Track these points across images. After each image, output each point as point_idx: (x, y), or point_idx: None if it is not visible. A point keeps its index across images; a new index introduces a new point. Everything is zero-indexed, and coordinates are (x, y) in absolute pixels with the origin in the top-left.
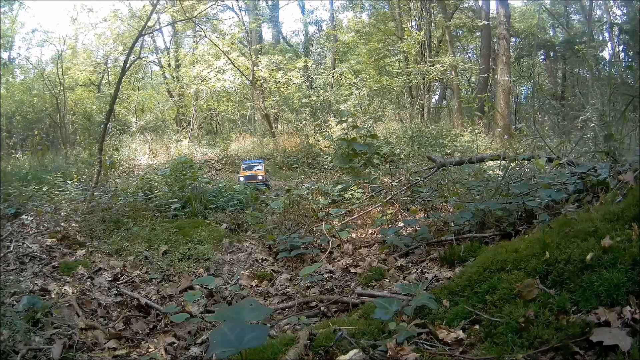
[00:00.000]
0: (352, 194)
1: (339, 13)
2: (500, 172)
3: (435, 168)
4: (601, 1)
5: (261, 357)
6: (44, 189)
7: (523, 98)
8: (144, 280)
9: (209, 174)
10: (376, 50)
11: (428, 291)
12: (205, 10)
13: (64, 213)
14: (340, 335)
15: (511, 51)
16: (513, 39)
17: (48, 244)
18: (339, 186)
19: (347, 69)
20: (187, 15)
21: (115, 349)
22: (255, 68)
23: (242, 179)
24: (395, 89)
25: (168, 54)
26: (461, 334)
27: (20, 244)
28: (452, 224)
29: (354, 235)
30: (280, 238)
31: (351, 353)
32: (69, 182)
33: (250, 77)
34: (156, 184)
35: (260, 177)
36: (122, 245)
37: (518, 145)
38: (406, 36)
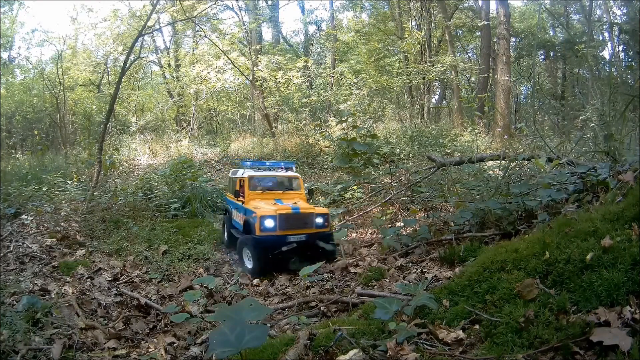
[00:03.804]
0: (352, 194)
1: (339, 13)
2: (500, 172)
3: (435, 168)
4: (601, 1)
5: (261, 357)
6: (44, 189)
7: (523, 98)
8: (144, 280)
9: (209, 173)
10: (376, 50)
11: (428, 291)
12: (205, 10)
13: (64, 213)
14: (340, 335)
15: (511, 51)
16: (513, 39)
17: (48, 244)
18: (339, 186)
19: (347, 68)
20: (187, 15)
21: (115, 349)
22: (255, 68)
23: (252, 220)
24: (395, 88)
25: (168, 53)
26: (461, 334)
27: (20, 244)
28: (452, 224)
29: (354, 235)
30: None
31: (351, 353)
32: (69, 182)
33: (250, 77)
34: (156, 184)
35: (320, 220)
36: (122, 245)
37: (518, 145)
38: (407, 36)
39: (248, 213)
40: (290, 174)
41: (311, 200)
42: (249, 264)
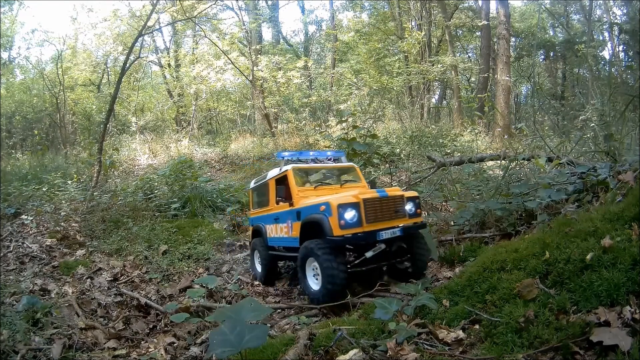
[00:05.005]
0: None
1: (339, 13)
2: (500, 172)
3: (435, 168)
4: (601, 1)
5: (261, 357)
6: (44, 189)
7: (523, 98)
8: (144, 280)
9: (209, 173)
10: (376, 50)
11: (428, 291)
12: (205, 10)
13: (64, 213)
14: (340, 335)
15: (511, 51)
16: (513, 39)
17: (48, 244)
18: None
19: (347, 68)
20: (187, 15)
21: (115, 349)
22: (255, 68)
23: (323, 216)
24: (395, 88)
25: (168, 53)
26: (461, 334)
27: (20, 244)
28: (452, 224)
29: None
30: None
31: (351, 353)
32: (69, 182)
33: (250, 77)
34: (156, 184)
35: (410, 207)
36: (122, 245)
37: (518, 145)
38: (407, 36)
39: (308, 211)
40: (343, 164)
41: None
42: (315, 285)
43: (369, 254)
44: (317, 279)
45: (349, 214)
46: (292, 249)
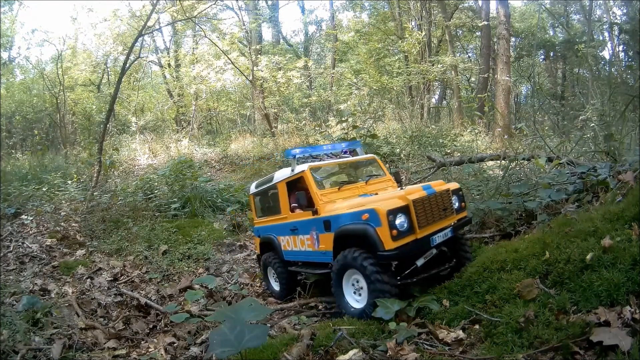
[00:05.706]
0: None
1: (339, 13)
2: (500, 172)
3: (435, 168)
4: (601, 1)
5: (261, 357)
6: (44, 189)
7: (523, 98)
8: (144, 280)
9: (209, 173)
10: (376, 50)
11: (428, 291)
12: (205, 10)
13: (64, 213)
14: (340, 335)
15: (511, 51)
16: (513, 39)
17: (48, 244)
18: None
19: (347, 68)
20: (187, 15)
21: (115, 349)
22: (255, 68)
23: (369, 227)
24: (395, 88)
25: (168, 53)
26: (461, 334)
27: (20, 244)
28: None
29: None
30: None
31: (351, 353)
32: (69, 182)
33: (250, 77)
34: (156, 184)
35: (455, 201)
36: (122, 245)
37: (518, 145)
38: (407, 36)
39: (342, 220)
40: (362, 156)
41: (401, 187)
42: (356, 303)
43: (420, 262)
44: (358, 295)
45: (399, 220)
46: (317, 264)
